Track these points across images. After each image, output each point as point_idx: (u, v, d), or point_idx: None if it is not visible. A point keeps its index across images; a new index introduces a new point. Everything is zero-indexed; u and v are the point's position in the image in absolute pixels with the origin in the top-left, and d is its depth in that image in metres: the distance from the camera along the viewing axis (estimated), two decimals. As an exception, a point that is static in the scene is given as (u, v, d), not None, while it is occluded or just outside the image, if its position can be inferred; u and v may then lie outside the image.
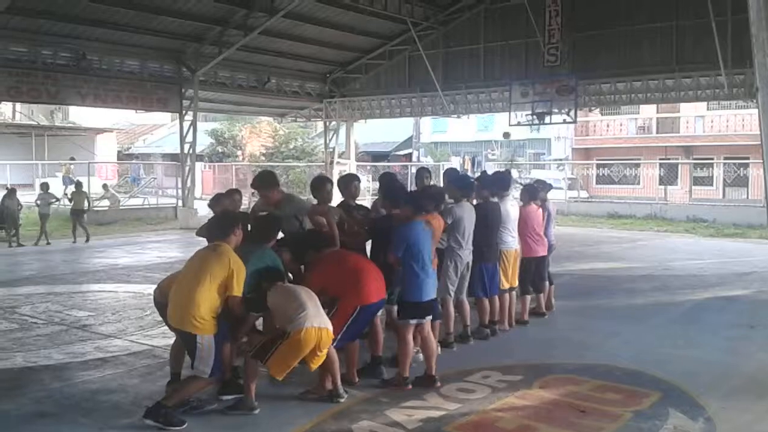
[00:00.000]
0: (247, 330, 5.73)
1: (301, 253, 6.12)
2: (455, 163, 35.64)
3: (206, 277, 5.04)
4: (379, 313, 6.25)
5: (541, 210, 8.63)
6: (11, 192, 16.80)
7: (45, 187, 17.53)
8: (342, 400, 5.56)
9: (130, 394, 5.86)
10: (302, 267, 6.27)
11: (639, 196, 27.47)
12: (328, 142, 27.47)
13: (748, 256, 14.91)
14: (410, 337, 6.01)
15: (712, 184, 30.83)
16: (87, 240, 17.13)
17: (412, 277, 5.98)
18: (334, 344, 5.53)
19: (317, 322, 5.22)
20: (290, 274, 6.25)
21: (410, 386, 5.93)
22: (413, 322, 6.00)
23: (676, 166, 30.47)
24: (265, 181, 6.79)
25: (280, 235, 6.28)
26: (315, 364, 5.41)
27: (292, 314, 5.20)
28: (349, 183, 7.20)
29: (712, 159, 31.52)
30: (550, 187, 9.64)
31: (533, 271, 8.54)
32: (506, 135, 32.60)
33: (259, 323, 6.10)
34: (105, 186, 25.27)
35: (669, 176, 28.54)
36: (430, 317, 6.20)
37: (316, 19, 20.57)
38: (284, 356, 5.21)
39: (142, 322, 8.52)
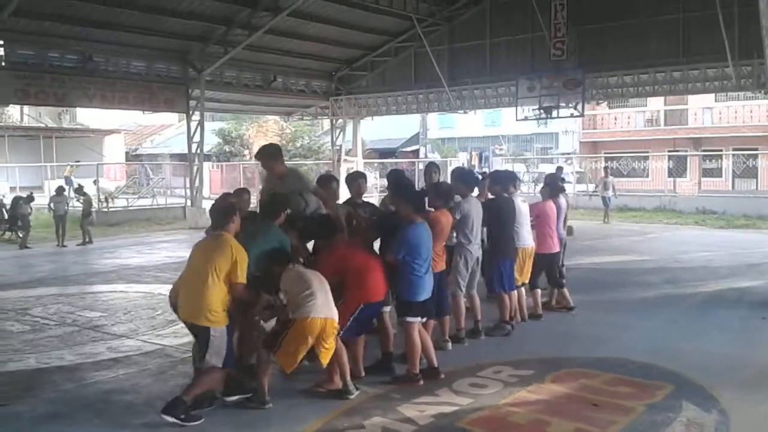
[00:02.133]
0: (260, 310, 5.69)
1: (309, 237, 6.11)
2: (462, 158, 35.58)
3: (213, 271, 5.08)
4: (388, 309, 6.23)
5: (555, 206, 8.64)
6: (29, 198, 17.56)
7: (59, 190, 17.85)
8: (351, 397, 5.56)
9: (142, 393, 5.88)
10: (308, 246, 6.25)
11: (648, 189, 27.37)
12: (334, 139, 27.41)
13: (758, 247, 14.82)
14: (416, 334, 5.99)
15: (721, 176, 30.71)
16: (83, 243, 17.08)
17: (412, 277, 5.94)
18: (339, 335, 5.53)
19: (323, 313, 5.28)
20: (300, 258, 6.16)
21: (422, 382, 5.93)
22: (410, 320, 5.97)
23: (685, 159, 30.35)
24: (269, 153, 6.71)
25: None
26: (325, 358, 5.42)
27: (301, 301, 5.26)
28: (354, 181, 7.20)
29: (721, 151, 31.35)
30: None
31: (546, 267, 8.53)
32: None
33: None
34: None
35: (678, 168, 28.44)
36: (425, 318, 6.21)
37: (321, 17, 20.55)
38: (291, 346, 5.26)
39: (153, 321, 8.56)
